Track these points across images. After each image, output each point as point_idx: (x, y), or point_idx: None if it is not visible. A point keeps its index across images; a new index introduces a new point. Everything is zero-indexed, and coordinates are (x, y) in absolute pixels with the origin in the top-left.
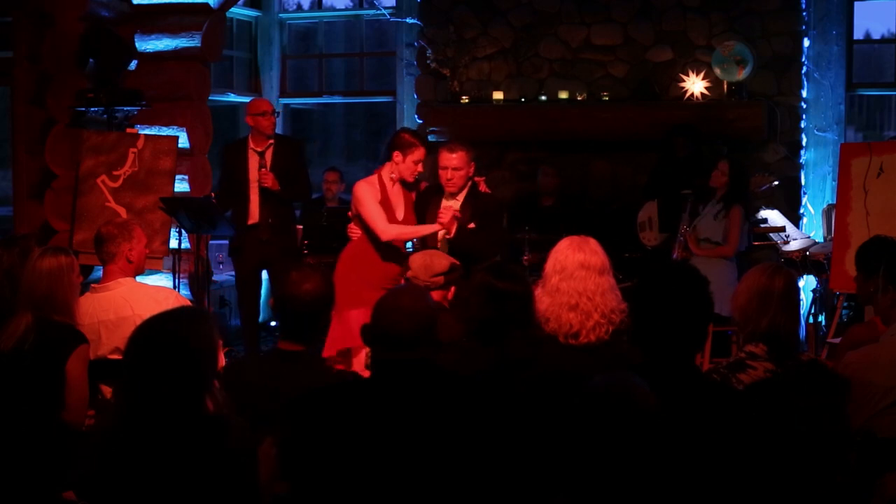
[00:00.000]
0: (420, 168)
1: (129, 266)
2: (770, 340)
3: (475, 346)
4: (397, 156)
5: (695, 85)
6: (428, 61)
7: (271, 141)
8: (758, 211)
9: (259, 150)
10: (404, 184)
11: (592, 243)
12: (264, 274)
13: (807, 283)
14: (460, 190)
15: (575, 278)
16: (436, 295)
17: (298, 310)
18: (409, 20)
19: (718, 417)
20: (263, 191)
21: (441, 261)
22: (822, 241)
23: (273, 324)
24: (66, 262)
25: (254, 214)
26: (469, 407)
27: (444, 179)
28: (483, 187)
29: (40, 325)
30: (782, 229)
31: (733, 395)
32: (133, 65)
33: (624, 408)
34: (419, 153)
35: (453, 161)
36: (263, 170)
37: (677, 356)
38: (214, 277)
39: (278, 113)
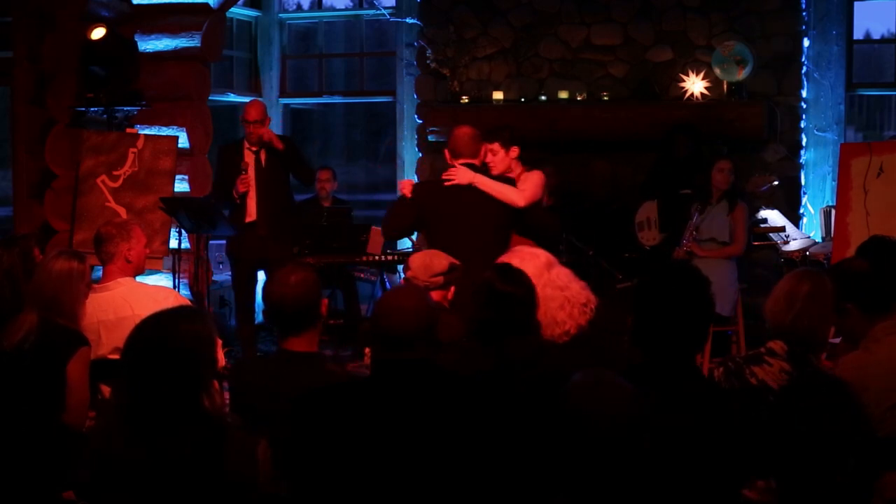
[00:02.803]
0: None
1: (129, 266)
2: (792, 341)
3: (475, 346)
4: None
5: (695, 85)
6: (428, 61)
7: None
8: (758, 211)
9: (255, 149)
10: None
11: (524, 251)
12: (261, 274)
13: None
14: None
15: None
16: (436, 295)
17: (289, 303)
18: (409, 20)
19: (718, 418)
20: (261, 188)
21: (440, 261)
22: (821, 241)
23: None
24: (77, 268)
25: (251, 212)
26: (469, 407)
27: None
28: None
29: (44, 326)
30: (782, 229)
31: (733, 396)
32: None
33: (599, 403)
34: None
35: None
36: (246, 177)
37: (677, 356)
38: (214, 277)
39: (267, 119)
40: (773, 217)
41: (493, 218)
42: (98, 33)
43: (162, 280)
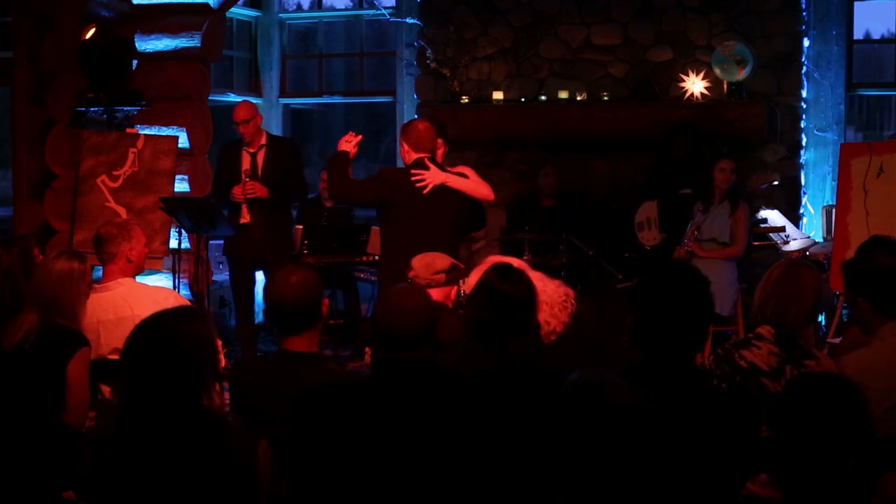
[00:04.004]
0: None
1: (129, 266)
2: (774, 324)
3: (475, 346)
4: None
5: (695, 85)
6: (428, 61)
7: (263, 142)
8: (758, 211)
9: (252, 150)
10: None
11: (497, 260)
12: (260, 275)
13: None
14: None
15: None
16: (438, 294)
17: (290, 303)
18: (409, 20)
19: (718, 417)
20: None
21: (442, 260)
22: (821, 241)
23: None
24: (78, 268)
25: (245, 214)
26: (469, 407)
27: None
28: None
29: (44, 326)
30: (782, 229)
31: (733, 396)
32: (133, 65)
33: (596, 401)
34: None
35: None
36: (249, 182)
37: (677, 356)
38: (214, 277)
39: (252, 117)
40: (773, 217)
41: (458, 215)
42: (88, 33)
43: (162, 280)
